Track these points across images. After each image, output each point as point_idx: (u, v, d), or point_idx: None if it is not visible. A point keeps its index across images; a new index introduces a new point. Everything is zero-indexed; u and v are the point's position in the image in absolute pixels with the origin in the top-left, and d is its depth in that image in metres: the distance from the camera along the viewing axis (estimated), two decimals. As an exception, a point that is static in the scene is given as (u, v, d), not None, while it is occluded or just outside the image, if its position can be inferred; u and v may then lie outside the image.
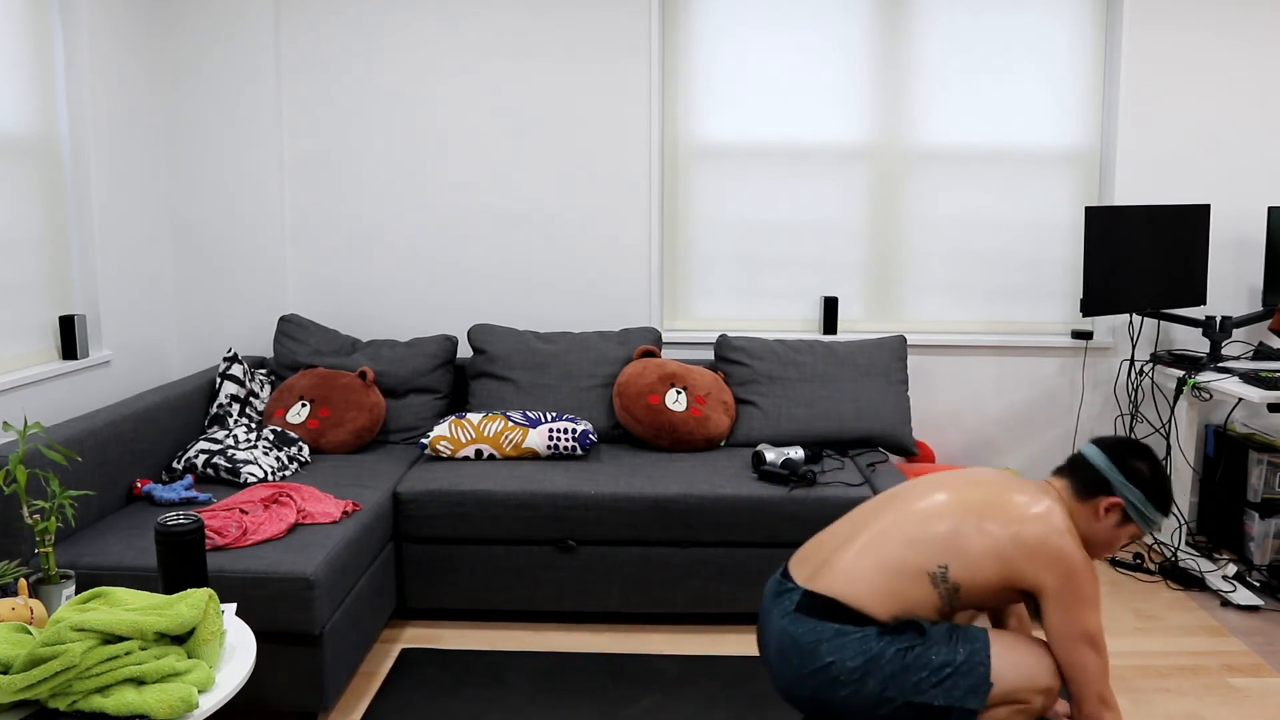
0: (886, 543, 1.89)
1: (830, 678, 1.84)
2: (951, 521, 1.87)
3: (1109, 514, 1.90)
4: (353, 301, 3.86)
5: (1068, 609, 1.81)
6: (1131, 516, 1.91)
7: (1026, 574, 1.83)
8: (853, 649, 1.83)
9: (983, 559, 1.84)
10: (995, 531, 1.84)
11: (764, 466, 3.04)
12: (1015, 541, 1.83)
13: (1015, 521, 1.85)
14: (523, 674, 2.73)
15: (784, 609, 1.93)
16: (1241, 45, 3.74)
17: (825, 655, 1.84)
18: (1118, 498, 1.89)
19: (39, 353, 3.06)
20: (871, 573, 1.87)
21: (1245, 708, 2.57)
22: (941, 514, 1.89)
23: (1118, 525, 1.92)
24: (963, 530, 1.86)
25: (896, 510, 1.94)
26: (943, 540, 1.86)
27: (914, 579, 1.85)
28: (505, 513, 2.93)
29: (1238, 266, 3.85)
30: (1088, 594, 1.81)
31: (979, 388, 3.93)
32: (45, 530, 1.97)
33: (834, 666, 1.83)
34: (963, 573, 1.84)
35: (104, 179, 3.32)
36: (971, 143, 3.83)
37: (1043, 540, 1.82)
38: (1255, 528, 3.49)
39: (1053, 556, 1.82)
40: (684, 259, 3.91)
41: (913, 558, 1.86)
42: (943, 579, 1.84)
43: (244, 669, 1.73)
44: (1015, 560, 1.83)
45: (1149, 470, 1.92)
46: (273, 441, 3.12)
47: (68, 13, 3.15)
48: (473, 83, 3.75)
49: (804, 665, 1.86)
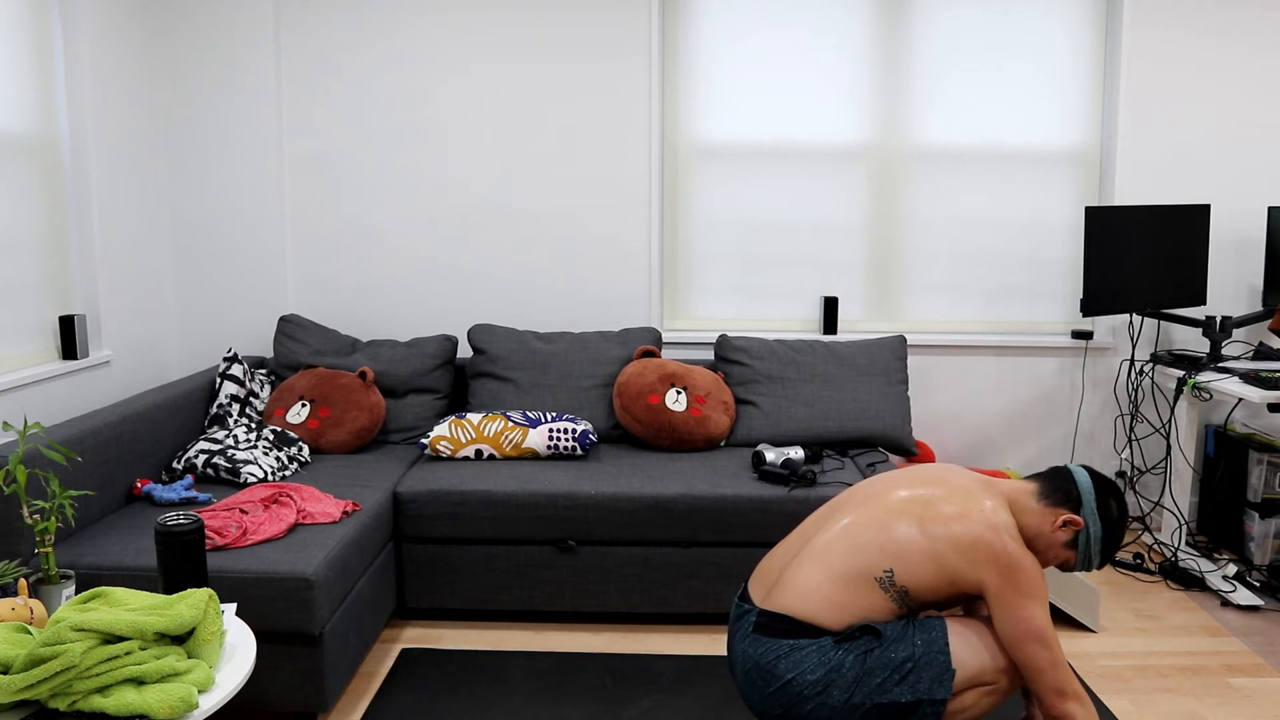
0: (831, 553, 1.89)
1: (795, 694, 1.84)
2: (891, 525, 1.87)
3: (1063, 529, 1.90)
4: (353, 301, 3.86)
5: (1009, 606, 1.81)
6: (1079, 544, 1.91)
7: (966, 574, 1.83)
8: (811, 662, 1.84)
9: (922, 561, 1.84)
10: (933, 532, 1.85)
11: (764, 466, 3.04)
12: (951, 541, 1.83)
13: (952, 520, 1.85)
14: (523, 674, 2.73)
15: (744, 631, 1.94)
16: (1241, 45, 3.74)
17: (785, 672, 1.85)
18: (1080, 519, 1.90)
19: (39, 353, 3.06)
20: (821, 584, 1.87)
21: (1245, 708, 2.57)
22: (881, 519, 1.89)
23: (1063, 545, 1.92)
24: (902, 533, 1.86)
25: (839, 518, 1.95)
26: (883, 545, 1.86)
27: (863, 585, 1.85)
28: (505, 513, 2.93)
29: (1238, 266, 3.85)
30: (1028, 589, 1.81)
31: (979, 388, 3.93)
32: (45, 530, 1.97)
33: (795, 682, 1.84)
34: (906, 575, 1.84)
35: (104, 179, 3.32)
36: (971, 143, 3.83)
37: (978, 538, 1.82)
38: (1255, 528, 3.49)
39: (990, 554, 1.81)
40: (684, 259, 3.91)
41: (858, 565, 1.86)
42: (890, 583, 1.85)
43: (244, 669, 1.73)
44: (952, 560, 1.83)
45: (1118, 516, 1.93)
46: (273, 441, 3.12)
47: (68, 13, 3.15)
48: (473, 82, 3.75)
49: (767, 685, 1.87)
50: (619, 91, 3.75)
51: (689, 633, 3.01)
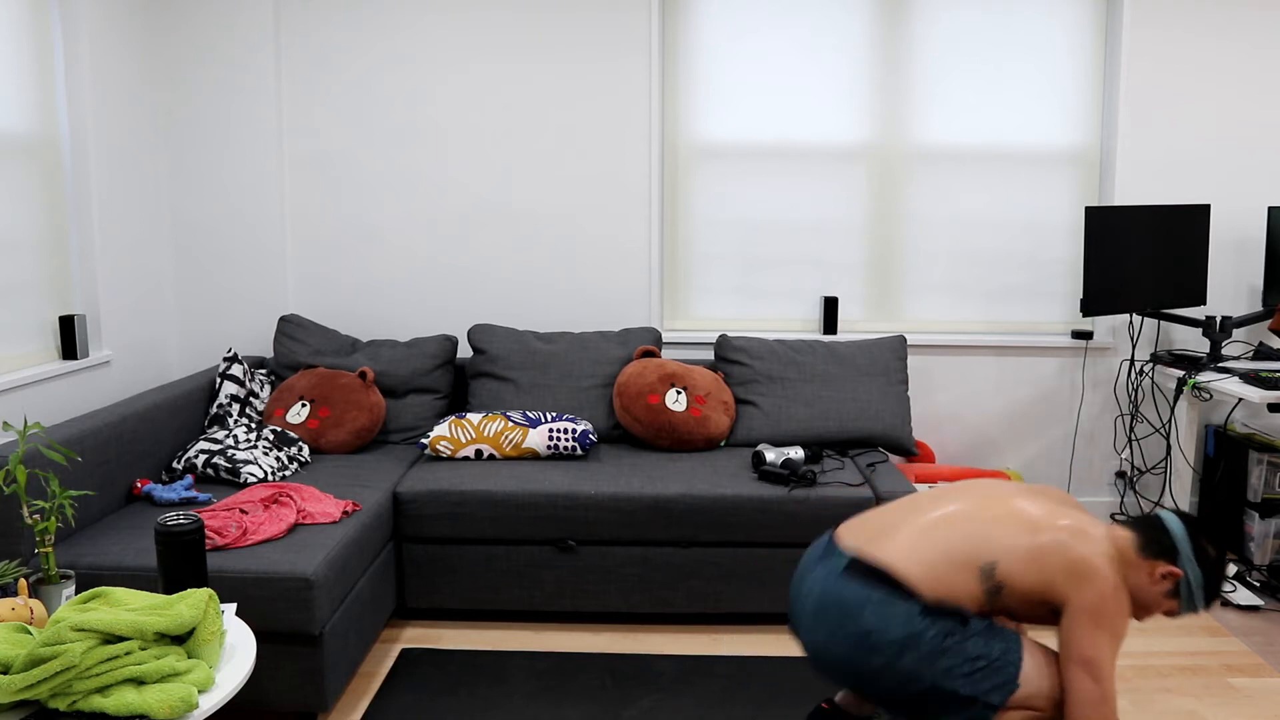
0: (947, 529, 1.92)
1: (869, 644, 1.86)
2: (1008, 524, 1.91)
3: (1163, 581, 1.91)
4: (353, 301, 3.86)
5: (1082, 628, 1.83)
6: (1180, 593, 1.91)
7: (1062, 587, 1.85)
8: (896, 621, 1.85)
9: (1027, 562, 1.86)
10: (1045, 539, 1.88)
11: (764, 466, 3.04)
12: (1061, 551, 1.86)
13: (1067, 533, 1.88)
14: (523, 674, 2.73)
15: (831, 569, 1.94)
16: (1242, 45, 3.74)
17: (868, 621, 1.86)
18: (1179, 569, 1.90)
19: (39, 353, 3.06)
20: (927, 553, 1.90)
21: (1245, 708, 2.57)
22: (1001, 516, 1.93)
23: (1165, 595, 1.92)
24: (1017, 533, 1.89)
25: (962, 502, 1.98)
26: (997, 538, 1.89)
27: (964, 569, 1.88)
28: (505, 513, 2.93)
29: (1238, 266, 3.85)
30: (1108, 623, 1.83)
31: (979, 388, 3.93)
32: (45, 530, 1.97)
33: (875, 634, 1.86)
34: (1009, 572, 1.87)
35: (104, 179, 3.32)
36: (972, 143, 3.83)
37: (1085, 558, 1.85)
38: (1255, 528, 3.49)
39: (1090, 576, 1.84)
40: (684, 259, 3.91)
41: (968, 548, 1.89)
42: (991, 574, 1.87)
43: (244, 669, 1.73)
44: (1057, 570, 1.85)
45: (1216, 558, 1.93)
46: (273, 441, 3.12)
47: (68, 13, 3.15)
48: (473, 82, 3.75)
49: (843, 626, 1.88)
50: (619, 91, 3.75)
51: (689, 633, 3.01)
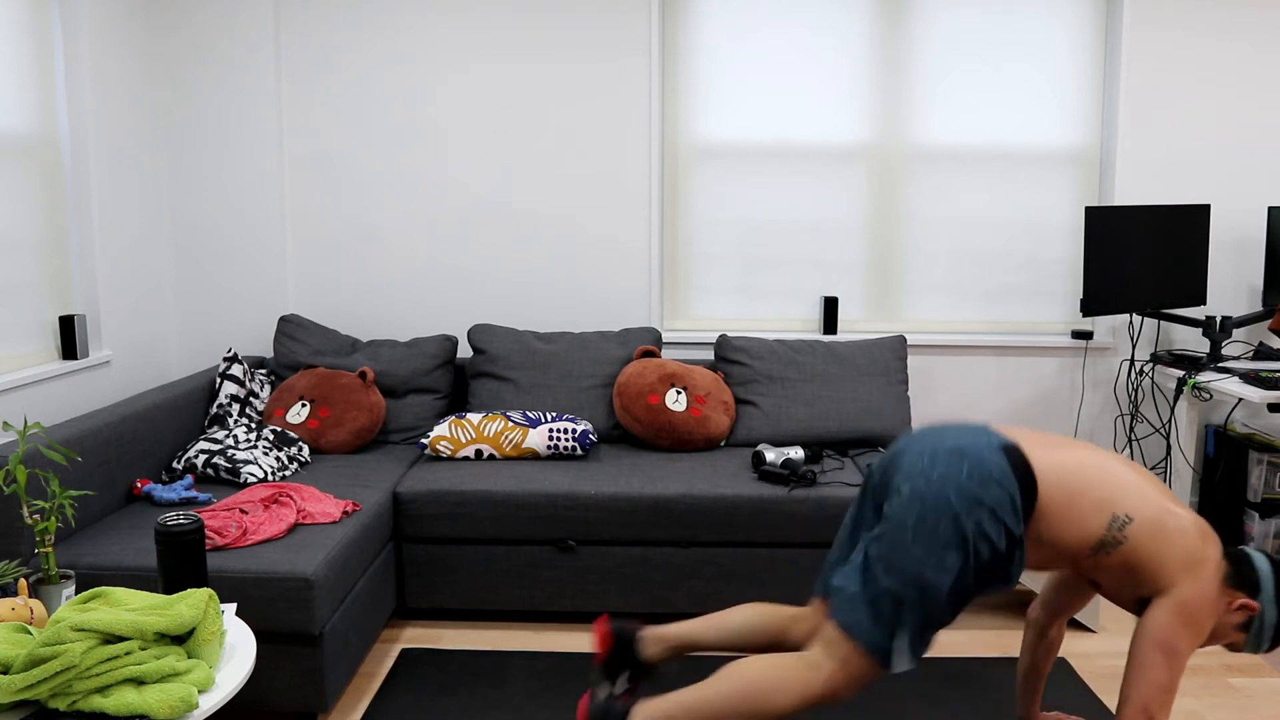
0: (1106, 469, 1.91)
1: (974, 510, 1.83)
2: (1157, 496, 1.90)
3: (1237, 612, 1.92)
4: (353, 301, 3.86)
5: (1176, 618, 1.84)
6: (1251, 627, 1.92)
7: (1172, 572, 1.85)
8: (1004, 519, 1.84)
9: (1159, 535, 1.86)
10: (1184, 522, 1.88)
11: (764, 466, 3.04)
12: (1188, 540, 1.86)
13: (1200, 528, 1.89)
14: (523, 674, 2.73)
15: (990, 440, 1.91)
16: (1242, 45, 3.74)
17: (988, 494, 1.84)
18: (1257, 604, 1.91)
19: (39, 353, 3.06)
20: (1073, 478, 1.89)
21: (1245, 708, 2.57)
22: (1151, 486, 1.92)
23: (1235, 627, 1.93)
24: (1160, 501, 1.89)
25: (1129, 462, 1.98)
26: (1141, 501, 1.88)
27: (1098, 510, 1.87)
28: (505, 513, 2.93)
29: (1238, 266, 3.85)
30: (1199, 624, 1.85)
31: (979, 388, 3.93)
32: (45, 530, 1.97)
33: (985, 504, 1.84)
34: (1137, 534, 1.86)
35: (104, 179, 3.32)
36: (972, 143, 3.83)
37: (1204, 559, 1.86)
38: (1255, 528, 3.49)
39: (1202, 575, 1.85)
40: (684, 259, 3.91)
41: (1112, 494, 1.88)
42: (1120, 527, 1.87)
43: (244, 669, 1.73)
44: (1177, 553, 1.85)
45: None
46: (273, 441, 3.12)
47: (68, 13, 3.15)
48: (473, 82, 3.75)
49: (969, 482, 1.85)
50: (619, 91, 3.75)
51: (689, 633, 3.00)
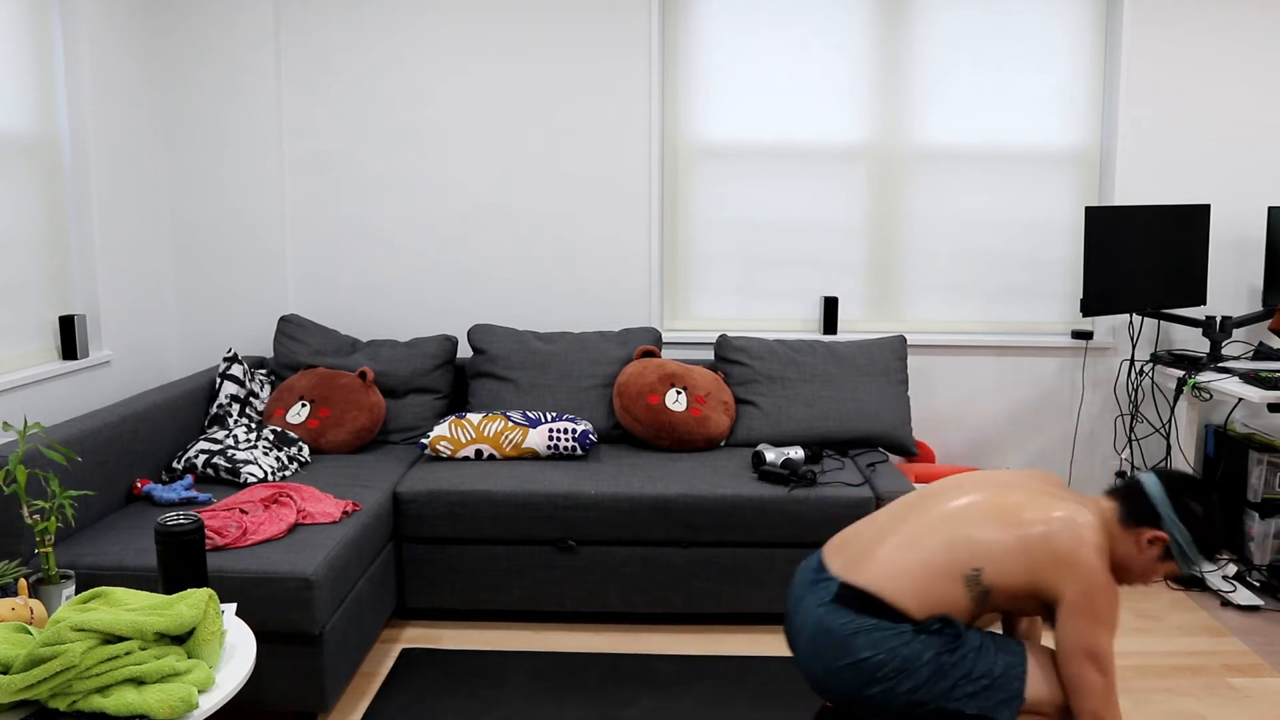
0: (926, 541, 1.88)
1: (865, 673, 1.84)
2: (989, 525, 1.87)
3: (1151, 546, 1.89)
4: (353, 301, 3.86)
5: (1081, 623, 1.81)
6: (1173, 555, 1.89)
7: (1051, 581, 1.82)
8: (889, 645, 1.83)
9: (1014, 563, 1.83)
10: (1030, 534, 1.84)
11: (764, 466, 3.04)
12: (1047, 545, 1.83)
13: (1053, 525, 1.84)
14: (523, 674, 2.73)
15: (819, 599, 1.92)
16: (1241, 45, 3.74)
17: (861, 649, 1.84)
18: (1163, 533, 1.87)
19: (39, 353, 3.06)
20: (909, 569, 1.86)
21: (1245, 708, 2.57)
22: (980, 516, 1.88)
23: (1158, 559, 1.90)
24: (1000, 533, 1.85)
25: (937, 509, 1.94)
26: (979, 543, 1.85)
27: (950, 579, 1.84)
28: (505, 513, 2.93)
29: (1238, 266, 3.85)
30: (1104, 614, 1.81)
31: (979, 388, 3.93)
32: (45, 530, 1.97)
33: (868, 662, 1.83)
34: (995, 576, 1.83)
35: (104, 179, 3.32)
36: (972, 142, 3.83)
37: (1073, 551, 1.82)
38: (1255, 528, 3.49)
39: (1079, 568, 1.81)
40: (684, 259, 3.91)
41: (950, 558, 1.85)
42: (976, 582, 1.84)
43: (244, 669, 1.73)
44: (1043, 565, 1.82)
45: (1204, 513, 1.89)
46: (273, 441, 3.12)
47: (68, 13, 3.15)
48: (473, 82, 3.75)
49: (839, 658, 1.86)
50: (619, 91, 3.75)
51: (689, 633, 3.01)
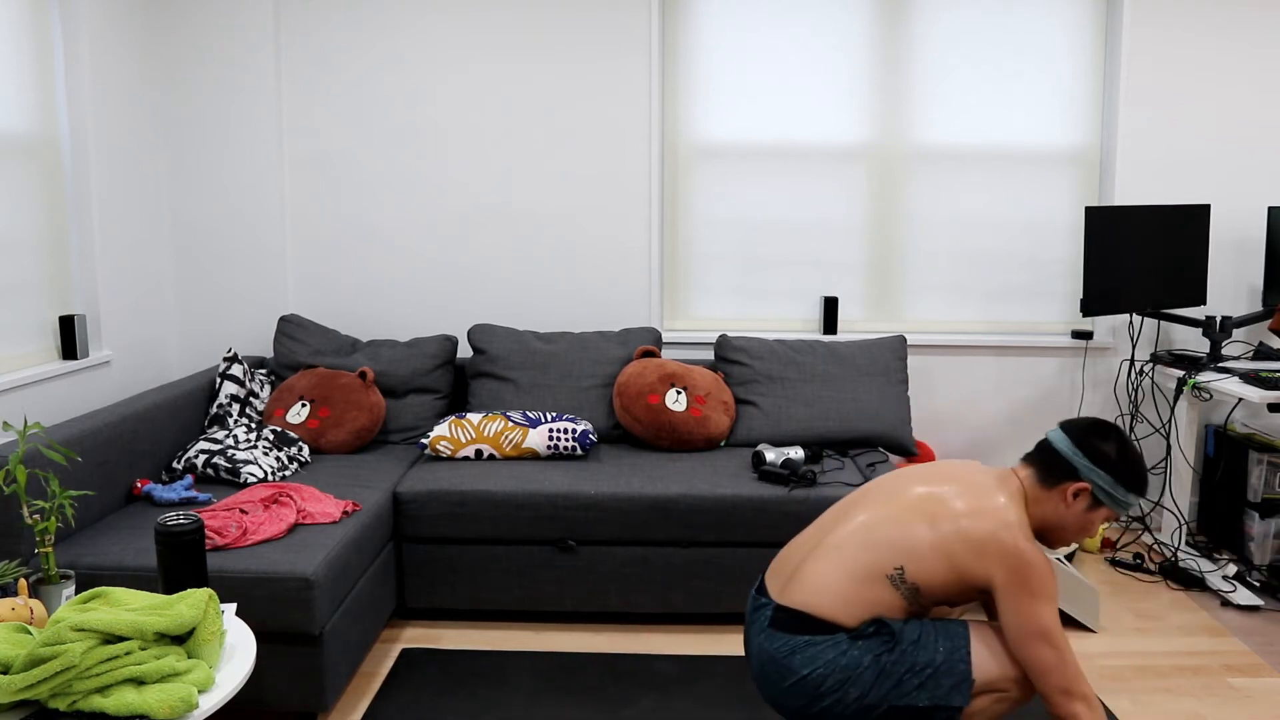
0: (845, 549, 1.89)
1: (810, 689, 1.84)
2: (904, 522, 1.87)
3: (1077, 499, 1.88)
4: (353, 301, 3.86)
5: (1018, 604, 1.79)
6: (1101, 500, 1.88)
7: (976, 570, 1.82)
8: (826, 658, 1.83)
9: (933, 558, 1.83)
10: (943, 529, 1.84)
11: (764, 466, 3.04)
12: (961, 537, 1.82)
13: (963, 517, 1.83)
14: (523, 674, 2.73)
15: (759, 625, 1.94)
16: (1241, 45, 3.74)
17: (800, 667, 1.84)
18: (1084, 482, 1.87)
19: (39, 353, 3.06)
20: (835, 581, 1.87)
21: (1245, 708, 2.57)
22: (895, 516, 1.89)
23: (1088, 509, 1.89)
24: (914, 530, 1.85)
25: (855, 515, 1.94)
26: (896, 542, 1.85)
27: (874, 582, 1.85)
28: (505, 513, 2.93)
29: (1238, 266, 3.85)
30: (1038, 589, 1.79)
31: (979, 388, 3.93)
32: (45, 530, 1.97)
33: (810, 678, 1.84)
34: (917, 573, 1.84)
35: (104, 179, 3.32)
36: (972, 142, 3.83)
37: (990, 535, 1.81)
38: (1255, 528, 3.49)
39: (1000, 552, 1.80)
40: (684, 259, 3.91)
41: (870, 561, 1.86)
42: (901, 580, 1.85)
43: (244, 669, 1.73)
44: (962, 556, 1.82)
45: (1115, 451, 1.88)
46: (273, 441, 3.12)
47: (68, 13, 3.15)
48: (473, 82, 3.75)
49: (783, 679, 1.87)
50: (619, 91, 3.75)
51: (689, 633, 3.01)
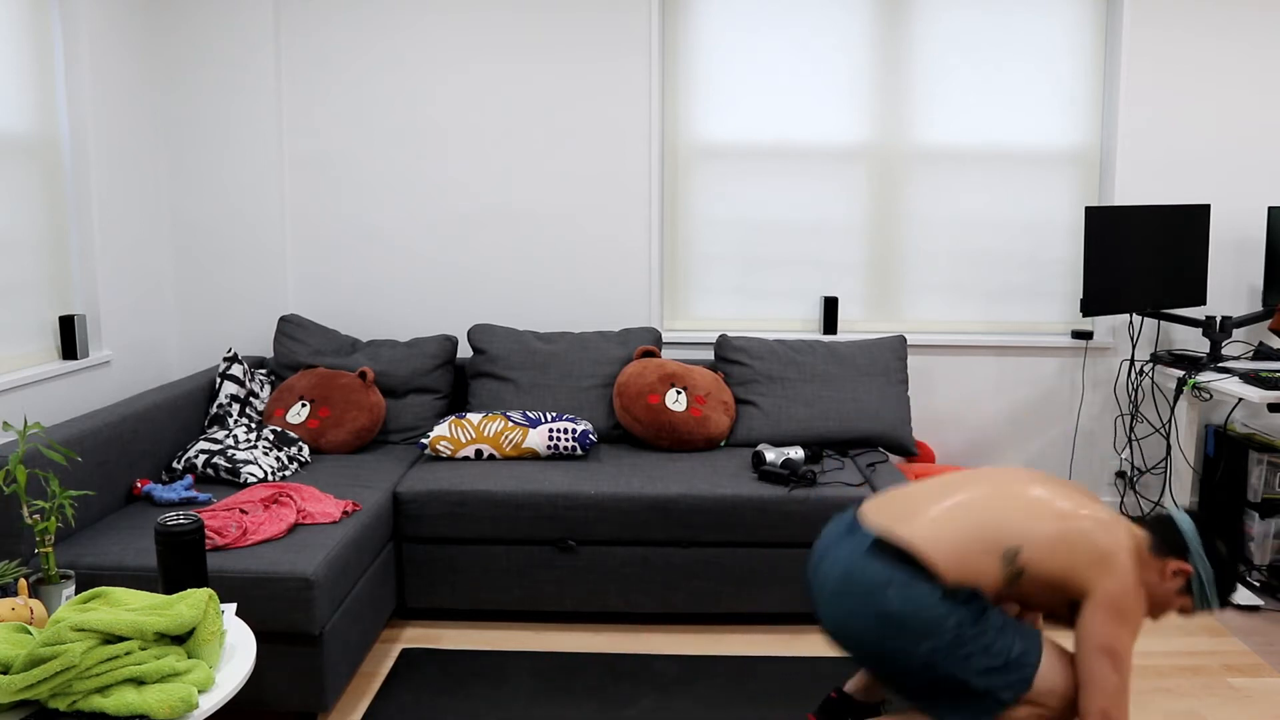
0: (975, 511, 1.92)
1: (890, 625, 1.86)
2: (1034, 510, 1.91)
3: (1174, 578, 1.93)
4: (353, 301, 3.86)
5: (1106, 619, 1.84)
6: (1192, 590, 1.93)
7: (1085, 576, 1.86)
8: (920, 603, 1.85)
9: (1053, 550, 1.87)
10: (1072, 526, 1.88)
11: (764, 466, 3.04)
12: (1087, 543, 1.87)
13: (1095, 529, 1.89)
14: (523, 674, 2.73)
15: (855, 546, 1.94)
16: (1241, 45, 3.74)
17: (891, 601, 1.86)
18: (1189, 565, 1.92)
19: (39, 353, 3.06)
20: (951, 535, 1.90)
21: (1245, 708, 2.57)
22: (1027, 502, 1.93)
23: (1177, 593, 1.94)
24: (1043, 520, 1.90)
25: (992, 486, 1.98)
26: (1021, 523, 1.90)
27: (988, 551, 1.88)
28: (505, 513, 2.93)
29: (1238, 266, 3.85)
30: (1130, 616, 1.85)
31: (979, 388, 3.93)
32: (45, 530, 1.97)
33: (896, 615, 1.85)
34: (1032, 559, 1.87)
35: (104, 179, 3.32)
36: (972, 142, 3.83)
37: (1114, 552, 1.87)
38: (1255, 528, 3.49)
39: (1116, 570, 1.85)
40: (684, 259, 3.91)
41: (994, 529, 1.89)
42: (1013, 559, 1.87)
43: (244, 669, 1.73)
44: (1081, 559, 1.86)
45: (1227, 555, 1.94)
46: (273, 441, 3.12)
47: (68, 13, 3.15)
48: (473, 82, 3.75)
49: (866, 605, 1.88)
50: (619, 91, 3.75)
51: (689, 633, 3.01)
